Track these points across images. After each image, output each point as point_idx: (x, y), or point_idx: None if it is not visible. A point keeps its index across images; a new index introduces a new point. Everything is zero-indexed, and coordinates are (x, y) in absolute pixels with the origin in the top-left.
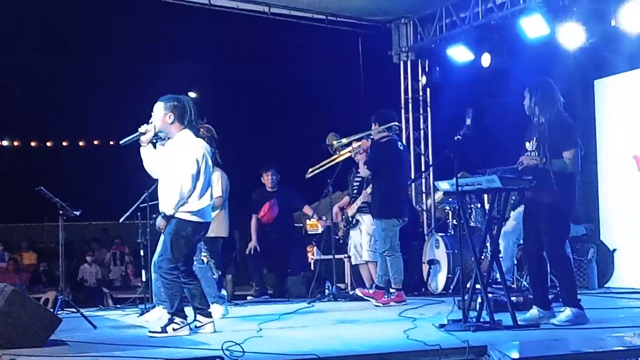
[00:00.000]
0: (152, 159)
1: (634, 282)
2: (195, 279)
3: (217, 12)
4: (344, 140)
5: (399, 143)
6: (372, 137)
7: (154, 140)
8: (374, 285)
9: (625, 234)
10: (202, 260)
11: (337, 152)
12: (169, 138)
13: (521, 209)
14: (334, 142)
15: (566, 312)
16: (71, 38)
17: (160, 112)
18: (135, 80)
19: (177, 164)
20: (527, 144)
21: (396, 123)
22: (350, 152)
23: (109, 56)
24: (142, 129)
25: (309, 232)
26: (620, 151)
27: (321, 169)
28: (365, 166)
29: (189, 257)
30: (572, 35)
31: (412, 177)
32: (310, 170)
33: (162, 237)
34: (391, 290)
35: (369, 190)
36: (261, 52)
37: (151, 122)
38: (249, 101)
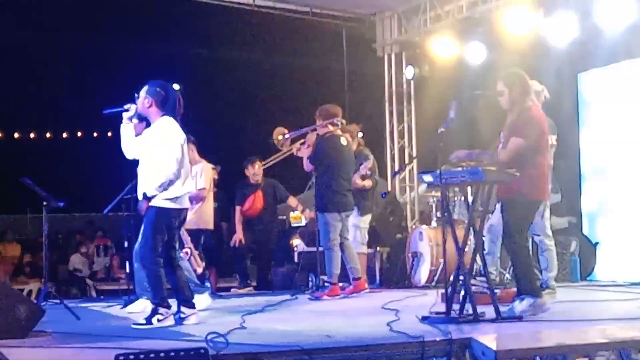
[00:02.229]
0: (129, 138)
1: (615, 275)
2: (178, 269)
3: (202, 4)
4: (287, 136)
5: (342, 138)
6: (317, 132)
7: (132, 120)
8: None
9: (608, 228)
10: (184, 252)
11: (282, 147)
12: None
13: None
14: (279, 137)
15: (524, 301)
16: (53, 29)
17: (142, 95)
18: (121, 72)
19: (160, 147)
20: (501, 134)
21: (339, 118)
22: (295, 147)
23: (94, 48)
24: (126, 106)
25: (292, 225)
26: (603, 144)
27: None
28: (309, 160)
29: (171, 246)
30: (558, 29)
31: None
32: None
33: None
34: (325, 284)
35: (357, 181)
36: (246, 44)
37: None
38: (233, 93)
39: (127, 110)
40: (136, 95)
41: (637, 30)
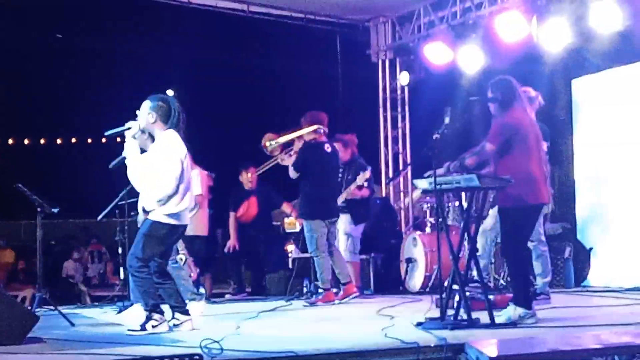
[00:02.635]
0: (136, 155)
1: (609, 281)
2: (169, 278)
3: (195, 10)
4: (274, 143)
5: (326, 145)
6: (303, 138)
7: (136, 137)
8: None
9: (601, 234)
10: (177, 259)
11: (274, 154)
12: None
13: None
14: (267, 144)
15: (509, 310)
16: (48, 35)
17: (145, 110)
18: (113, 78)
19: (160, 162)
20: None
21: (320, 126)
22: (280, 157)
23: (87, 54)
24: (128, 124)
25: (287, 230)
26: (597, 150)
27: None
28: (292, 168)
29: (163, 258)
30: (551, 35)
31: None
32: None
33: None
34: (319, 290)
35: (351, 188)
36: (239, 50)
37: (137, 120)
38: (226, 99)
39: (129, 129)
40: (137, 112)
41: (630, 36)
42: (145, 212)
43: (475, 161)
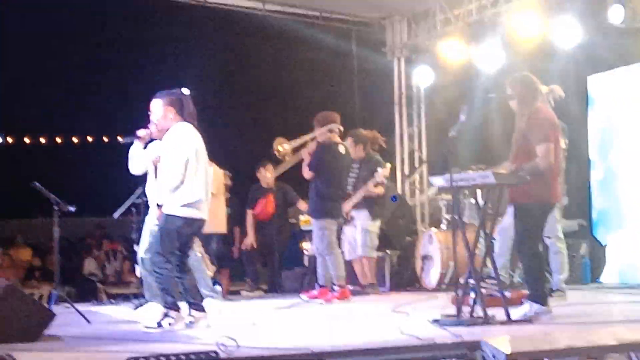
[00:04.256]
0: (138, 158)
1: (624, 277)
2: (189, 273)
3: (211, 9)
4: (287, 147)
5: (341, 146)
6: (317, 139)
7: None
8: (317, 284)
9: (617, 230)
10: (198, 253)
11: (285, 158)
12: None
13: None
14: (279, 148)
15: (525, 307)
16: (64, 34)
17: (159, 108)
18: (129, 76)
19: (168, 154)
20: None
21: (335, 125)
22: (298, 155)
23: (102, 52)
24: (140, 132)
25: (302, 228)
26: (613, 147)
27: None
28: (308, 168)
29: (183, 252)
30: (566, 32)
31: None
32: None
33: (144, 232)
34: (335, 288)
35: (370, 185)
36: (255, 48)
37: (148, 128)
38: (243, 97)
39: (141, 137)
40: (149, 111)
41: None
42: (159, 205)
43: (549, 163)
